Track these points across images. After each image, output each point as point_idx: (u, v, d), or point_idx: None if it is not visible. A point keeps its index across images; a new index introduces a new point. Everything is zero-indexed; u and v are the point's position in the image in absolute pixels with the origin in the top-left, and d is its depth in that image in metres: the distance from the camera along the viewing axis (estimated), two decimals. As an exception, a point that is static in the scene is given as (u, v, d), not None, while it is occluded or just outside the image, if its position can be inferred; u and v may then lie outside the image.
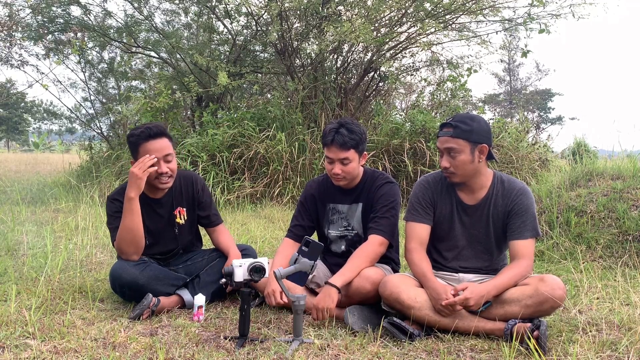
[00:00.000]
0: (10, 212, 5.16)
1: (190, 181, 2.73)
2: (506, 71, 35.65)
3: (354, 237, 2.63)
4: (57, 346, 1.96)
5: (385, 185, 2.55)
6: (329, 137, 2.48)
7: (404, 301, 2.16)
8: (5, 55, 9.06)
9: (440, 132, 2.26)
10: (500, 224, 2.30)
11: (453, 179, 2.28)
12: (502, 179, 2.33)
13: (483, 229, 2.33)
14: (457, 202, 2.35)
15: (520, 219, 2.25)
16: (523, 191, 2.28)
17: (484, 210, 2.31)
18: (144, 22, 8.49)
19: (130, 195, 2.41)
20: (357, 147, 2.48)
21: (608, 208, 3.75)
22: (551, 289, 2.05)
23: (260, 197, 6.39)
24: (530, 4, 6.72)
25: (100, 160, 8.25)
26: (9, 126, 36.73)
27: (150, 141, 2.45)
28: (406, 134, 6.97)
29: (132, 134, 2.50)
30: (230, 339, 2.08)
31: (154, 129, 2.47)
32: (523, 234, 2.24)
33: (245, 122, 6.91)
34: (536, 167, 7.30)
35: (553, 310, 2.12)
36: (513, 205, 2.27)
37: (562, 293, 2.06)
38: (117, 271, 2.42)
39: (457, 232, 2.35)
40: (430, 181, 2.41)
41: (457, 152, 2.21)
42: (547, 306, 2.06)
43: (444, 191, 2.37)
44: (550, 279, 2.09)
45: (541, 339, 1.93)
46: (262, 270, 2.11)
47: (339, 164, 2.48)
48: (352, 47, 7.76)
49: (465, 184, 2.30)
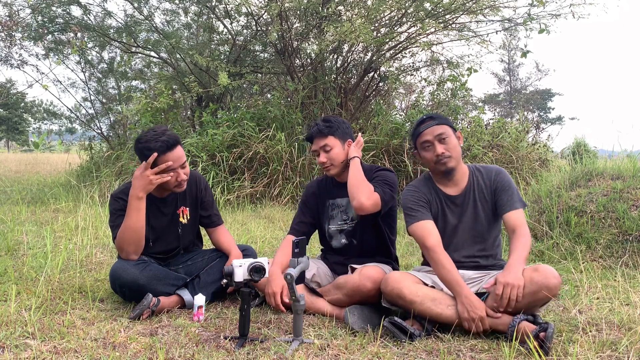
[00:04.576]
0: (10, 212, 5.16)
1: (194, 181, 2.74)
2: (506, 71, 35.68)
3: (354, 227, 2.65)
4: (57, 346, 1.96)
5: (381, 171, 2.63)
6: (309, 133, 2.69)
7: (406, 296, 2.16)
8: (5, 55, 9.06)
9: (422, 127, 2.38)
10: (490, 205, 2.40)
11: (449, 164, 2.35)
12: (477, 168, 2.48)
13: (473, 214, 2.41)
14: (444, 197, 2.45)
15: (507, 193, 2.37)
16: (500, 170, 2.45)
17: (470, 196, 2.42)
18: (144, 22, 8.50)
19: (140, 195, 2.41)
20: (334, 133, 2.61)
21: (608, 208, 3.75)
22: (545, 278, 2.06)
23: (260, 197, 6.39)
24: (530, 4, 6.72)
25: (100, 160, 8.26)
26: (9, 126, 36.72)
27: (167, 153, 2.45)
28: (406, 134, 6.97)
29: (148, 147, 2.42)
30: (230, 339, 2.08)
31: (170, 141, 2.44)
32: (513, 205, 2.34)
33: (245, 122, 6.91)
34: (536, 167, 7.30)
35: (548, 300, 2.11)
36: (497, 184, 2.39)
37: (556, 282, 2.06)
38: (117, 271, 2.42)
39: (450, 224, 2.42)
40: (416, 185, 2.50)
41: (447, 136, 2.35)
42: (542, 295, 2.06)
43: (431, 190, 2.47)
44: (544, 268, 2.11)
45: (547, 341, 1.92)
46: (262, 270, 2.11)
47: (323, 152, 2.62)
48: (352, 47, 7.77)
49: (454, 172, 2.39)
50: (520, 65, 35.69)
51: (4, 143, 40.61)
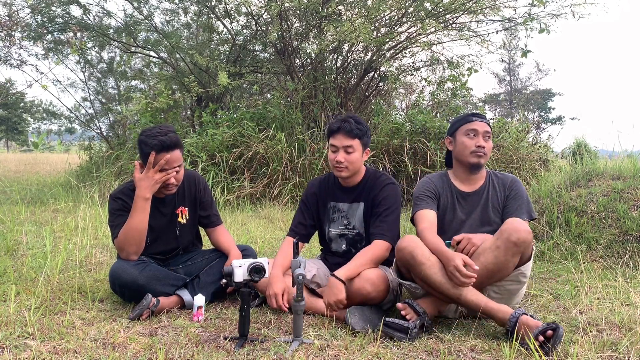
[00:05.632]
0: (9, 212, 5.15)
1: (193, 181, 2.73)
2: (506, 71, 35.67)
3: (355, 237, 2.63)
4: (57, 346, 1.95)
5: (388, 187, 2.55)
6: (336, 125, 2.54)
7: (417, 256, 2.19)
8: (5, 55, 9.05)
9: (475, 118, 2.49)
10: (500, 210, 2.48)
11: (482, 161, 2.46)
12: (494, 173, 2.58)
13: (482, 214, 2.47)
14: (456, 192, 2.53)
15: (517, 202, 2.46)
16: (516, 179, 2.54)
17: (482, 195, 2.50)
18: (144, 21, 8.49)
19: (147, 195, 2.43)
20: (362, 138, 2.52)
21: (608, 208, 3.74)
22: (510, 223, 2.18)
23: (260, 197, 6.39)
24: (531, 4, 6.72)
25: (100, 160, 8.25)
26: (9, 126, 36.69)
27: (162, 153, 2.44)
28: (406, 134, 6.96)
29: (146, 142, 2.43)
30: (230, 339, 2.08)
31: (168, 141, 2.44)
32: (520, 214, 2.40)
33: (244, 122, 6.90)
34: (536, 167, 7.29)
35: (524, 247, 2.17)
36: (510, 191, 2.49)
37: (525, 234, 2.14)
38: (116, 271, 2.42)
39: (458, 217, 2.50)
40: (431, 178, 2.61)
41: (490, 137, 2.49)
42: (514, 238, 2.13)
43: (445, 185, 2.56)
44: (514, 220, 2.22)
45: (556, 341, 1.90)
46: (262, 270, 2.10)
47: (343, 152, 2.51)
48: (352, 47, 7.76)
49: (479, 170, 2.51)
50: (521, 65, 35.70)
51: (3, 143, 40.61)
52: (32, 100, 32.52)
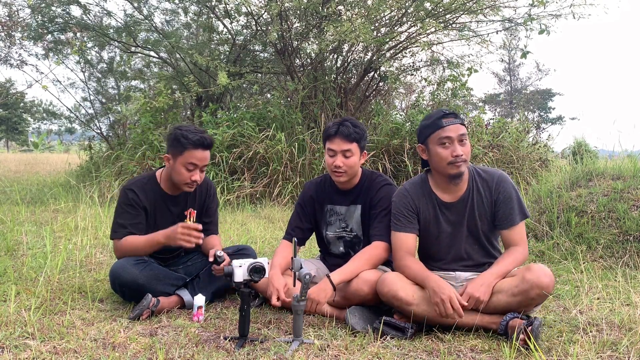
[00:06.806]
0: (9, 212, 5.15)
1: (206, 186, 2.75)
2: (506, 71, 35.69)
3: (353, 239, 2.62)
4: (57, 346, 1.95)
5: (384, 188, 2.53)
6: (333, 129, 2.48)
7: (402, 298, 2.14)
8: (5, 55, 9.06)
9: (446, 122, 2.18)
10: (489, 215, 2.29)
11: (462, 168, 2.20)
12: (477, 172, 2.32)
13: (469, 223, 2.30)
14: (438, 203, 2.32)
15: (508, 206, 2.26)
16: (503, 178, 2.29)
17: (467, 203, 2.29)
18: (144, 21, 8.49)
19: (161, 241, 2.45)
20: (359, 141, 2.48)
21: (608, 208, 3.74)
22: (537, 277, 2.03)
23: (260, 197, 6.39)
24: (531, 4, 6.72)
25: (100, 161, 8.25)
26: (9, 126, 36.69)
27: (199, 150, 2.47)
28: (406, 134, 6.96)
29: (186, 136, 2.45)
30: (230, 339, 2.08)
31: (208, 140, 2.50)
32: (513, 220, 2.25)
33: (244, 122, 6.90)
34: (536, 167, 7.29)
35: (541, 300, 2.07)
36: (498, 195, 2.27)
37: (548, 281, 2.02)
38: (117, 270, 2.42)
39: (444, 231, 2.33)
40: (408, 189, 2.37)
41: (466, 139, 2.21)
42: (534, 294, 2.03)
43: (425, 195, 2.34)
44: (537, 267, 2.08)
45: (533, 333, 1.91)
46: (262, 270, 2.10)
47: (341, 156, 2.46)
48: (352, 47, 7.76)
49: (461, 177, 2.24)
50: (521, 65, 35.74)
51: (3, 143, 40.60)
52: (32, 100, 32.54)
